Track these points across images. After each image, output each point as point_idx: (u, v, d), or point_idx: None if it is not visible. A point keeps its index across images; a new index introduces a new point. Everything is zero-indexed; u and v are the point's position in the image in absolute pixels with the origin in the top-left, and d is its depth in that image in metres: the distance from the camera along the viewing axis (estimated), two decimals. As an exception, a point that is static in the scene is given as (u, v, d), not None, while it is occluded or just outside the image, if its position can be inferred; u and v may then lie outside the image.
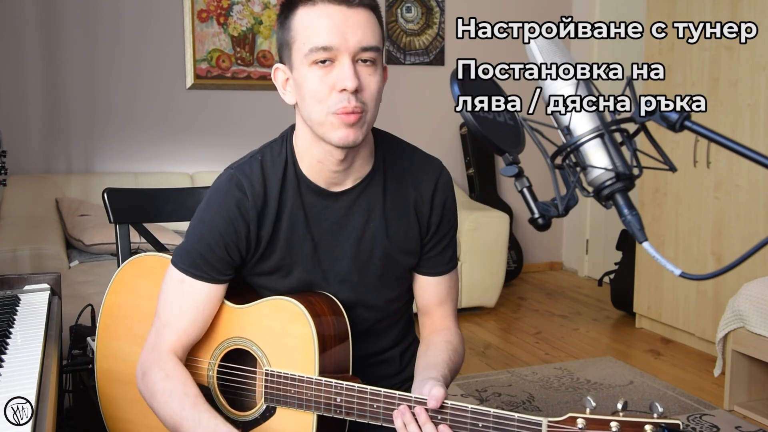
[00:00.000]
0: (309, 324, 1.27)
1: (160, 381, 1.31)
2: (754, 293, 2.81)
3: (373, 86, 1.23)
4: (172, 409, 1.28)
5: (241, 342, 1.34)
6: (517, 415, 1.11)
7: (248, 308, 1.34)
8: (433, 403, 1.16)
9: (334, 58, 1.20)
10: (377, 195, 1.37)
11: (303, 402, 1.26)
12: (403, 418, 1.18)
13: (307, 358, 1.27)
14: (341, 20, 1.20)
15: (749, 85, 3.29)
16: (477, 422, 1.14)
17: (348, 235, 1.37)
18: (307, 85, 1.23)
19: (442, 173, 1.42)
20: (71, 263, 3.32)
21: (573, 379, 3.26)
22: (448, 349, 1.39)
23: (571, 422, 1.07)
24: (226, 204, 1.31)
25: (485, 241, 4.16)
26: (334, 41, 1.19)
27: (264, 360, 1.31)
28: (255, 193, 1.31)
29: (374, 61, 1.23)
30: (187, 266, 1.33)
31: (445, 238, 1.43)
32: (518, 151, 0.95)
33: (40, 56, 4.09)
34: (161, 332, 1.34)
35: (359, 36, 1.20)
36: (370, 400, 1.22)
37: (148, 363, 1.33)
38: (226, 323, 1.36)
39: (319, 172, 1.32)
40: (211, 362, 1.36)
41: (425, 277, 1.45)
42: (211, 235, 1.32)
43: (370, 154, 1.36)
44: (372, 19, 1.24)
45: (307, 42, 1.21)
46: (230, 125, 4.49)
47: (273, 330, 1.31)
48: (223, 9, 4.40)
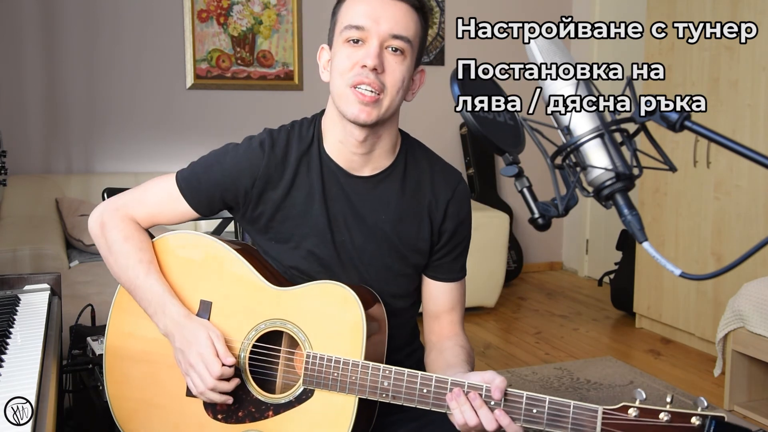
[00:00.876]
0: (359, 309, 1.29)
1: (118, 241, 1.42)
2: (754, 293, 2.81)
3: (397, 74, 1.30)
4: (127, 274, 1.40)
5: (282, 324, 1.34)
6: (573, 402, 1.14)
7: (293, 291, 1.35)
8: (497, 394, 1.17)
9: (365, 38, 1.29)
10: (394, 189, 1.41)
11: (347, 385, 1.27)
12: (457, 400, 1.18)
13: (354, 344, 1.28)
14: (379, 5, 1.29)
15: (749, 85, 3.29)
16: (531, 408, 1.16)
17: (360, 221, 1.40)
18: (336, 60, 1.32)
19: (461, 184, 1.46)
20: (71, 263, 3.32)
21: (573, 379, 3.26)
22: (463, 353, 1.41)
23: (624, 410, 1.12)
24: (244, 154, 1.40)
25: (485, 241, 4.16)
26: (366, 22, 1.28)
27: (306, 343, 1.31)
28: (274, 155, 1.39)
29: (403, 51, 1.30)
30: (183, 182, 1.42)
31: (459, 246, 1.47)
32: (518, 151, 0.96)
33: (40, 56, 4.09)
34: (132, 203, 1.45)
35: (391, 24, 1.28)
36: (421, 385, 1.23)
37: (109, 216, 1.44)
38: (265, 304, 1.36)
39: (340, 151, 1.39)
40: (245, 342, 1.35)
41: (438, 283, 1.47)
42: (217, 172, 1.40)
43: (392, 148, 1.41)
44: (411, 14, 1.31)
45: (344, 21, 1.32)
46: (230, 125, 4.49)
47: (319, 314, 1.32)
48: (223, 9, 4.40)
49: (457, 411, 1.18)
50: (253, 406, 1.34)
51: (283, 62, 4.55)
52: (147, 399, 1.41)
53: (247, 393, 1.34)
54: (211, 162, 1.42)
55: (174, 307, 1.36)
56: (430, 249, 1.44)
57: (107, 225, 1.44)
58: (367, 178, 1.40)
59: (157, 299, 1.37)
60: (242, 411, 1.34)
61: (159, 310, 1.36)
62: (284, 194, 1.40)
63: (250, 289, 1.37)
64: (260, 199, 1.40)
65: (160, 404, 1.40)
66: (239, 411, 1.34)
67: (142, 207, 1.45)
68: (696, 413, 1.08)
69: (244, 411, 1.34)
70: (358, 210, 1.40)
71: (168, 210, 1.44)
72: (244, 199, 1.41)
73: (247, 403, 1.34)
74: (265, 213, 1.41)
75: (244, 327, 1.36)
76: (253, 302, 1.36)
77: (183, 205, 1.43)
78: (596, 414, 1.13)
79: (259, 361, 1.36)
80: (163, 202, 1.44)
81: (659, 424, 1.09)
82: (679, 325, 3.73)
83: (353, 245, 1.40)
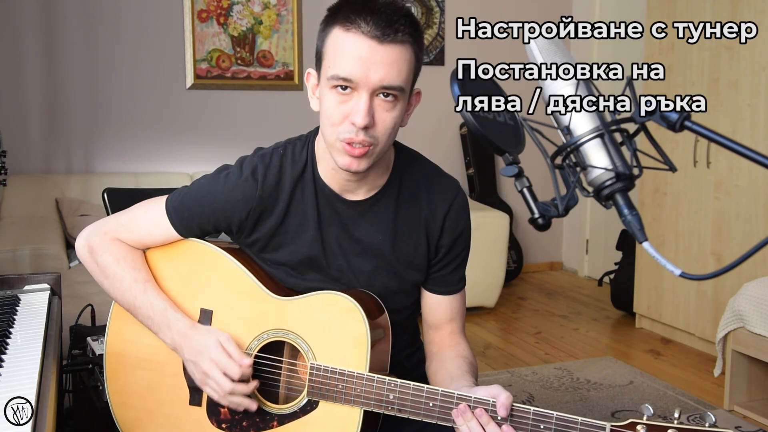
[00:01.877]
0: (363, 321, 1.28)
1: (110, 264, 1.40)
2: (754, 293, 2.81)
3: (388, 122, 1.23)
4: (124, 296, 1.38)
5: (284, 334, 1.33)
6: (581, 419, 1.13)
7: (295, 301, 1.34)
8: (503, 411, 1.15)
9: (354, 88, 1.21)
10: (389, 209, 1.38)
11: (351, 397, 1.26)
12: (463, 416, 1.17)
13: (358, 355, 1.27)
14: (368, 55, 1.18)
15: (749, 85, 3.29)
16: (539, 424, 1.15)
17: (356, 244, 1.38)
18: (325, 105, 1.26)
19: (458, 195, 1.42)
20: (71, 263, 3.32)
21: (573, 379, 3.26)
22: (465, 364, 1.39)
23: (632, 427, 1.10)
24: (236, 186, 1.36)
25: (485, 241, 4.16)
26: (356, 75, 1.19)
27: (310, 354, 1.30)
28: (267, 183, 1.35)
29: (396, 97, 1.22)
30: (173, 212, 1.39)
31: (456, 259, 1.44)
32: (518, 151, 0.95)
33: (40, 56, 4.09)
34: (120, 229, 1.42)
35: (382, 74, 1.19)
36: (426, 398, 1.22)
37: (98, 240, 1.42)
38: (267, 314, 1.34)
39: (333, 177, 1.36)
40: (247, 352, 1.34)
41: (436, 296, 1.45)
42: (208, 205, 1.37)
43: (386, 168, 1.38)
44: (404, 55, 1.21)
45: (332, 66, 1.22)
46: (230, 125, 4.49)
47: (322, 324, 1.31)
48: (223, 9, 4.40)
49: (464, 427, 1.17)
50: (258, 416, 1.33)
51: (283, 62, 4.55)
52: (150, 407, 1.41)
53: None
54: (202, 193, 1.39)
55: (178, 321, 1.34)
56: (428, 264, 1.42)
57: (96, 249, 1.42)
58: (362, 201, 1.37)
59: (160, 316, 1.35)
60: (246, 421, 1.33)
61: (164, 326, 1.35)
62: (279, 221, 1.37)
63: (252, 298, 1.36)
64: (255, 227, 1.38)
65: (163, 412, 1.39)
66: (243, 421, 1.34)
67: (131, 234, 1.42)
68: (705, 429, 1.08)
69: (249, 421, 1.33)
70: (353, 233, 1.38)
71: (158, 236, 1.42)
72: (238, 228, 1.39)
73: (251, 413, 1.32)
74: (260, 240, 1.39)
75: (246, 337, 1.35)
76: (254, 311, 1.35)
77: (173, 233, 1.41)
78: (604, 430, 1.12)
79: (262, 371, 1.35)
80: (152, 231, 1.41)
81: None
82: (679, 325, 3.73)
83: (350, 269, 1.38)
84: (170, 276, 1.42)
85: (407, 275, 1.41)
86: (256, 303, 1.35)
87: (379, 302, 1.37)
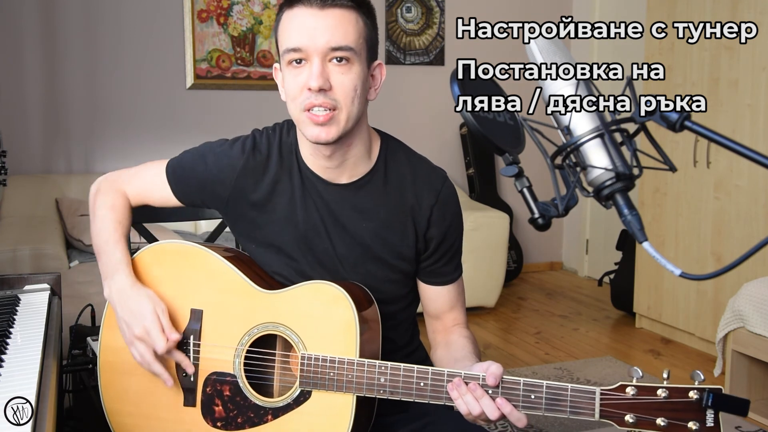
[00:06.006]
0: (351, 307, 1.28)
1: (103, 207, 1.49)
2: (754, 293, 2.81)
3: (346, 83, 1.26)
4: (99, 237, 1.46)
5: (274, 327, 1.34)
6: (570, 385, 1.15)
7: (284, 293, 1.35)
8: (492, 380, 1.18)
9: (306, 58, 1.26)
10: (374, 196, 1.39)
11: (343, 384, 1.27)
12: (458, 389, 1.19)
13: (347, 342, 1.28)
14: (311, 22, 1.25)
15: (749, 85, 3.29)
16: (530, 394, 1.17)
17: (341, 229, 1.39)
18: (286, 84, 1.31)
19: (445, 187, 1.42)
20: (71, 263, 3.32)
21: (573, 379, 3.26)
22: (468, 344, 1.41)
23: (622, 390, 1.13)
24: (224, 154, 1.43)
25: (485, 241, 4.16)
26: (303, 42, 1.25)
27: (300, 345, 1.31)
28: (254, 157, 1.41)
29: (348, 59, 1.26)
30: (170, 170, 1.48)
31: (450, 250, 1.45)
32: (518, 151, 0.96)
33: (40, 56, 4.09)
34: (127, 178, 1.53)
35: (327, 36, 1.24)
36: (417, 379, 1.23)
37: (106, 187, 1.52)
38: (257, 309, 1.35)
39: (314, 162, 1.39)
40: (239, 348, 1.35)
41: (434, 287, 1.46)
42: (200, 167, 1.45)
43: (367, 153, 1.38)
44: (348, 18, 1.26)
45: (283, 44, 1.29)
46: (230, 125, 4.47)
47: (311, 314, 1.32)
48: (223, 9, 4.40)
49: (459, 401, 1.19)
50: (252, 411, 1.33)
51: (283, 62, 4.55)
52: (145, 412, 1.41)
53: (244, 398, 1.34)
54: (197, 156, 1.47)
55: (123, 276, 1.38)
56: (417, 256, 1.42)
57: (101, 192, 1.52)
58: (345, 186, 1.38)
59: (113, 265, 1.40)
60: (241, 417, 1.34)
61: (109, 275, 1.40)
62: (265, 198, 1.40)
63: (241, 295, 1.37)
64: (239, 198, 1.41)
65: (159, 416, 1.39)
66: (238, 417, 1.34)
67: (134, 186, 1.52)
68: (693, 387, 1.10)
69: (243, 417, 1.33)
70: (337, 218, 1.39)
71: (156, 192, 1.50)
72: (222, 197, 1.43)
73: (245, 408, 1.33)
74: (246, 214, 1.42)
75: (236, 333, 1.36)
76: (244, 308, 1.36)
77: (168, 192, 1.49)
78: (594, 395, 1.14)
79: (255, 365, 1.36)
80: (152, 184, 1.50)
81: (658, 400, 1.11)
82: (679, 325, 3.73)
83: (335, 253, 1.39)
84: (162, 277, 1.42)
85: (395, 264, 1.41)
86: (245, 299, 1.36)
87: (368, 293, 1.37)
